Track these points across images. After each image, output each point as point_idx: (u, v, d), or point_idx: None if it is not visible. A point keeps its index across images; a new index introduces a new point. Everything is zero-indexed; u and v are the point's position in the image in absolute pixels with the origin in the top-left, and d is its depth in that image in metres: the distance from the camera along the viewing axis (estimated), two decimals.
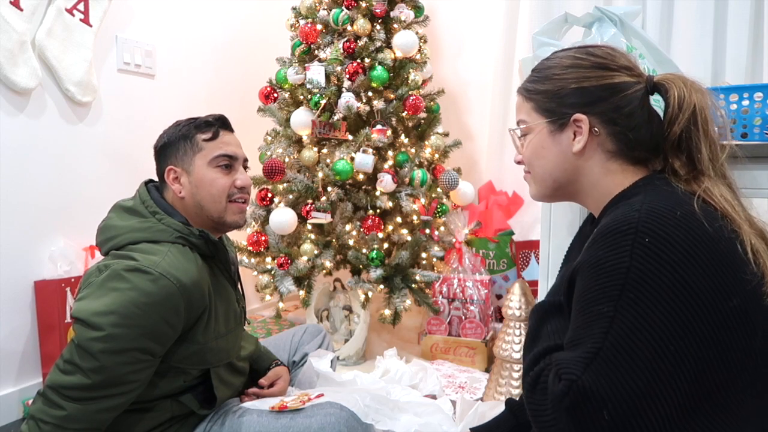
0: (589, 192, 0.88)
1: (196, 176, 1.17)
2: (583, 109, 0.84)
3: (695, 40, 2.21)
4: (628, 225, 0.71)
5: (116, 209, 1.18)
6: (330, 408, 1.14)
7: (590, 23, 1.36)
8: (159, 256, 1.04)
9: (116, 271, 1.01)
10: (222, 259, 1.20)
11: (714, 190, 0.78)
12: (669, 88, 0.82)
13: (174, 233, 1.11)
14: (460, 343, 2.13)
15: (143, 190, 1.18)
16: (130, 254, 1.05)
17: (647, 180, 0.83)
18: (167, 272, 1.02)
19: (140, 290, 0.99)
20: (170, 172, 1.18)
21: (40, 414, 0.97)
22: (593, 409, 0.64)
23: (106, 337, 0.96)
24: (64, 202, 1.92)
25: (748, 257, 0.72)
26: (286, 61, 2.33)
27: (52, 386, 0.98)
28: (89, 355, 0.96)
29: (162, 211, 1.14)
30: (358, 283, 2.12)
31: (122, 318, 0.97)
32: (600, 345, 0.67)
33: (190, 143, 1.19)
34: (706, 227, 0.71)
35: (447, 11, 2.82)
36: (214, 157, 1.18)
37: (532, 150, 0.91)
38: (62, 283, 1.82)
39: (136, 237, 1.09)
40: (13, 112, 1.76)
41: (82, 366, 0.97)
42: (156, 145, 1.24)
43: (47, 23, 1.81)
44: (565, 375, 0.67)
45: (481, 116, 2.81)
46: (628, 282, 0.68)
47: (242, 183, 1.21)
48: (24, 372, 1.80)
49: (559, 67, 0.88)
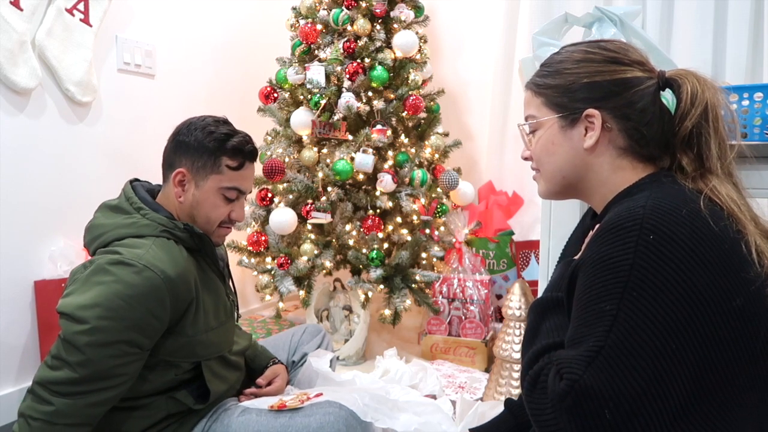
0: (596, 189, 0.87)
1: (202, 193, 1.17)
2: (596, 104, 0.83)
3: (695, 40, 2.21)
4: (633, 221, 0.70)
5: (102, 209, 1.19)
6: (329, 407, 1.14)
7: (590, 23, 1.36)
8: (143, 249, 1.05)
9: (100, 265, 1.02)
10: (209, 252, 1.19)
11: (721, 188, 0.77)
12: (682, 84, 0.81)
13: (158, 227, 1.11)
14: (460, 343, 2.13)
15: (128, 188, 1.18)
16: (114, 249, 1.05)
17: (654, 177, 0.82)
18: (151, 264, 1.02)
19: (125, 282, 0.99)
20: (180, 174, 1.17)
21: (30, 411, 0.97)
22: (595, 408, 0.63)
23: (91, 329, 0.97)
24: (64, 202, 1.92)
25: (753, 257, 0.71)
26: (286, 61, 2.33)
27: (40, 382, 0.98)
28: (75, 349, 0.97)
29: (146, 207, 1.14)
30: (358, 283, 2.12)
31: (107, 311, 0.98)
32: (602, 343, 0.66)
33: (213, 161, 1.16)
34: (712, 226, 0.70)
35: (447, 11, 2.82)
36: (227, 187, 1.18)
37: (542, 146, 0.89)
38: (62, 283, 1.82)
39: (121, 233, 1.09)
40: (13, 112, 1.76)
41: (69, 360, 0.97)
42: (178, 136, 1.19)
43: (47, 23, 1.81)
44: (567, 374, 0.66)
45: (481, 116, 2.81)
46: (631, 280, 0.67)
47: (236, 217, 1.22)
48: (24, 372, 1.80)
49: (570, 62, 0.86)
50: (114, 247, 1.06)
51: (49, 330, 1.81)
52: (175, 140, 1.20)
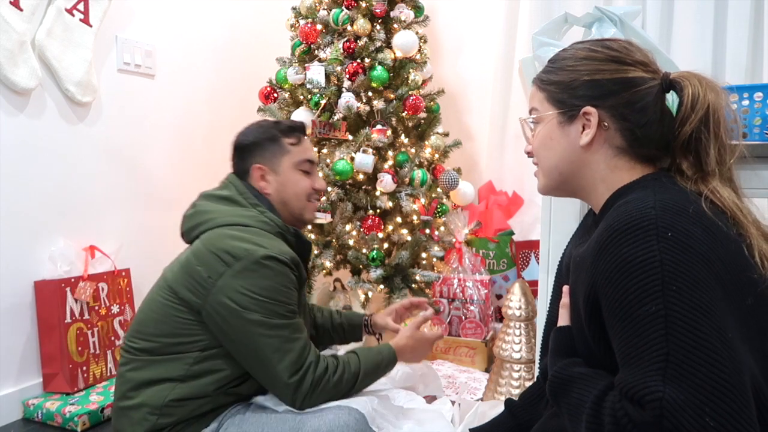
0: (593, 187, 0.87)
1: (282, 176, 1.29)
2: (594, 102, 0.83)
3: (695, 40, 2.21)
4: (648, 221, 0.68)
5: (207, 197, 1.27)
6: (339, 410, 1.13)
7: (590, 23, 1.36)
8: (276, 242, 1.19)
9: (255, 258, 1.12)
10: (306, 258, 1.31)
11: (722, 191, 0.77)
12: (684, 86, 0.80)
13: (275, 227, 1.22)
14: (460, 343, 2.13)
15: (238, 183, 1.27)
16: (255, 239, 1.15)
17: (655, 176, 0.81)
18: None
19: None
20: (257, 170, 1.28)
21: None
22: (695, 419, 0.56)
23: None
24: (64, 202, 1.91)
25: (756, 260, 0.70)
26: (286, 61, 2.33)
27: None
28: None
29: (262, 204, 1.25)
30: (358, 283, 2.12)
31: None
32: (665, 349, 0.60)
33: (278, 145, 1.29)
34: (720, 225, 0.70)
35: (447, 11, 2.82)
36: (299, 161, 1.31)
37: (540, 140, 0.90)
38: (62, 283, 1.82)
39: (237, 221, 1.19)
40: (13, 112, 1.76)
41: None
42: (239, 142, 1.31)
43: (47, 23, 1.81)
44: (648, 397, 0.58)
45: (481, 116, 2.81)
46: (666, 275, 0.63)
47: (320, 186, 1.35)
48: (24, 372, 1.80)
49: (573, 59, 0.86)
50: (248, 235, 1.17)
51: (48, 330, 1.81)
52: (237, 149, 1.32)
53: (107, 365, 1.94)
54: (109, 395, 1.80)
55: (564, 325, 0.82)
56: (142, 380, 1.14)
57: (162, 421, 1.12)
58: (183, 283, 1.15)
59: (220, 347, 1.15)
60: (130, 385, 1.15)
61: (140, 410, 1.12)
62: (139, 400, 1.13)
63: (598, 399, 0.65)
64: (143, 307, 1.23)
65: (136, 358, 1.17)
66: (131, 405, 1.14)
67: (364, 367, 1.23)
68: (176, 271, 1.18)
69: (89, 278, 1.90)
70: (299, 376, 1.11)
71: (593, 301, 0.72)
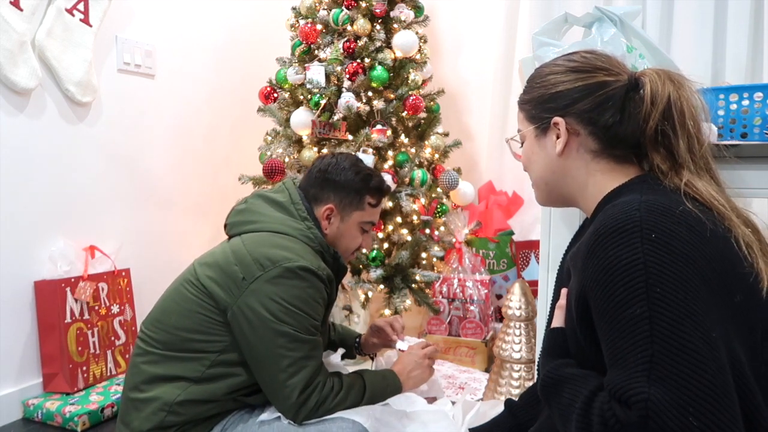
0: (580, 193, 0.90)
1: (346, 225, 1.32)
2: (560, 112, 0.88)
3: (695, 40, 2.21)
4: (633, 223, 0.69)
5: (262, 198, 1.27)
6: (342, 422, 1.13)
7: (590, 23, 1.36)
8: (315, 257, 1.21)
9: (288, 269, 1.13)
10: (339, 280, 1.32)
11: (697, 183, 0.78)
12: (643, 83, 0.83)
13: (317, 245, 1.24)
14: (460, 343, 2.13)
15: (294, 192, 1.28)
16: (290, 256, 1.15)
17: (642, 178, 0.83)
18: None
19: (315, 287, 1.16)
20: (329, 210, 1.30)
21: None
22: (679, 419, 0.58)
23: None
24: (64, 202, 1.92)
25: (743, 252, 0.71)
26: (286, 61, 2.33)
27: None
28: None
29: (311, 221, 1.26)
30: (358, 283, 2.12)
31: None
32: (650, 350, 0.61)
33: (359, 199, 1.32)
34: (706, 223, 0.70)
35: (447, 11, 2.82)
36: (366, 222, 1.34)
37: (526, 157, 0.96)
38: (62, 283, 1.82)
39: (283, 230, 1.21)
40: (13, 112, 1.76)
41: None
42: (329, 174, 1.31)
43: (47, 23, 1.81)
44: (633, 398, 0.59)
45: (481, 116, 2.81)
46: (650, 277, 0.65)
47: (366, 246, 1.39)
48: (24, 372, 1.80)
49: (539, 76, 0.92)
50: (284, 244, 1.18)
51: (48, 330, 1.81)
52: (324, 177, 1.32)
53: (107, 365, 1.94)
54: (110, 395, 1.80)
55: (557, 326, 0.83)
56: (156, 375, 1.14)
57: (170, 418, 1.12)
58: (215, 279, 1.15)
59: (238, 352, 1.15)
60: (144, 377, 1.15)
61: (151, 405, 1.12)
62: (151, 394, 1.13)
63: (588, 400, 0.66)
64: (166, 296, 1.22)
65: (152, 350, 1.16)
66: (143, 398, 1.13)
67: (369, 393, 1.23)
68: (210, 264, 1.18)
69: (89, 278, 1.90)
70: (306, 395, 1.11)
71: (583, 302, 0.73)
